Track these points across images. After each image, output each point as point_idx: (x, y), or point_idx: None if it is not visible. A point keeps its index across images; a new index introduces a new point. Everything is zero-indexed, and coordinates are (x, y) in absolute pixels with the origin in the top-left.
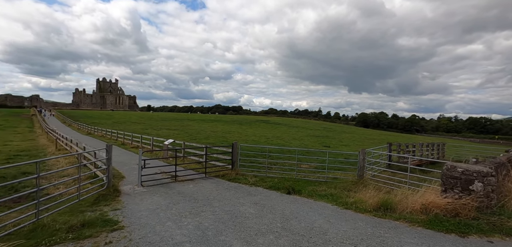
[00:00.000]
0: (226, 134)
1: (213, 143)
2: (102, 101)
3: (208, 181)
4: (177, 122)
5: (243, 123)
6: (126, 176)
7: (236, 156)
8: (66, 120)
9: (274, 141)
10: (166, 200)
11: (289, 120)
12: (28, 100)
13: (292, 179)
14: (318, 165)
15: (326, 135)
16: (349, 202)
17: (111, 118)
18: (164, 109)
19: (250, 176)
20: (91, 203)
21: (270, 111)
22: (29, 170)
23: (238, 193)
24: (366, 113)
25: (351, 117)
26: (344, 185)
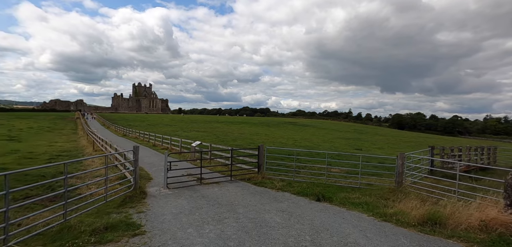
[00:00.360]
0: (253, 136)
1: (240, 145)
2: (137, 105)
3: (233, 185)
4: (206, 124)
5: (271, 125)
6: (154, 178)
7: (262, 159)
8: (105, 123)
9: (302, 143)
10: (190, 204)
11: (317, 121)
12: (73, 105)
13: (321, 184)
14: (349, 169)
15: (358, 138)
16: (388, 213)
17: (145, 121)
18: (194, 111)
19: (277, 181)
20: (118, 205)
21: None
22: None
23: (263, 198)
24: (401, 114)
25: (384, 119)
26: (380, 192)
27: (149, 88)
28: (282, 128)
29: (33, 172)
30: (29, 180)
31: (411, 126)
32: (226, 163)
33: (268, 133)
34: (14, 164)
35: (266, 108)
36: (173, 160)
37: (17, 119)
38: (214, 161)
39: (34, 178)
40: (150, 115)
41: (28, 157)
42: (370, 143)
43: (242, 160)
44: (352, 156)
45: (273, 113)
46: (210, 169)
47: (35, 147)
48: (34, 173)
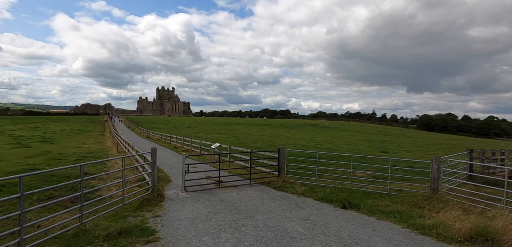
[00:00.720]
0: (273, 138)
1: (260, 147)
2: (161, 108)
3: (252, 189)
4: (227, 126)
5: (291, 126)
6: (173, 180)
7: (282, 161)
8: (131, 125)
9: (324, 145)
10: (207, 209)
11: (339, 123)
12: (102, 108)
13: (346, 190)
14: (376, 173)
15: (383, 140)
16: (426, 225)
17: (168, 123)
18: (215, 114)
19: (298, 185)
20: (135, 208)
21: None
22: (91, 171)
23: (284, 204)
24: (429, 115)
25: (411, 120)
26: (413, 200)
27: (172, 92)
28: (303, 130)
29: (60, 172)
30: (55, 180)
31: (441, 128)
32: (245, 165)
33: (288, 135)
34: (43, 165)
35: (286, 110)
36: (192, 162)
37: (52, 122)
38: (233, 163)
39: (60, 178)
40: (172, 117)
41: (57, 158)
42: (396, 145)
43: (262, 163)
44: (378, 159)
45: (294, 115)
46: (229, 172)
47: (65, 149)
48: (60, 173)
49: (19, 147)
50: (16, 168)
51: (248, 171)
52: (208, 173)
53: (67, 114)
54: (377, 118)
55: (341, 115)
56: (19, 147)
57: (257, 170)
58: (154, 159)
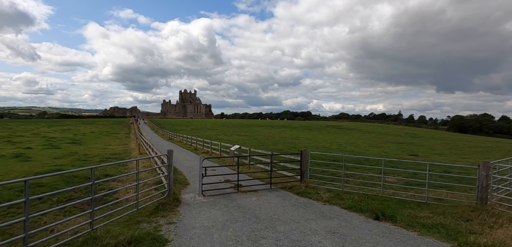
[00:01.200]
0: (294, 140)
1: (281, 149)
2: (183, 110)
3: (273, 194)
4: (247, 128)
5: (313, 128)
6: (191, 183)
7: (305, 165)
8: (154, 127)
9: (348, 148)
10: (224, 216)
11: (363, 125)
12: (129, 111)
13: (377, 197)
14: (409, 179)
15: (411, 142)
16: (481, 244)
17: (189, 125)
18: (235, 116)
19: (323, 191)
20: (150, 212)
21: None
22: (113, 172)
23: (308, 213)
24: (462, 116)
25: (441, 121)
26: (458, 211)
27: (194, 95)
28: (325, 132)
29: (81, 173)
30: (76, 182)
31: (476, 129)
32: (266, 169)
33: (309, 137)
34: (68, 166)
35: (307, 112)
36: (211, 165)
37: (83, 124)
38: (253, 166)
39: (81, 180)
40: (194, 120)
41: (82, 159)
42: (426, 148)
43: (283, 166)
44: (410, 164)
45: (315, 116)
46: (248, 175)
47: (91, 150)
48: (82, 174)
49: (50, 148)
50: (44, 168)
51: (268, 175)
52: (227, 176)
53: (96, 117)
54: (403, 119)
55: (365, 117)
56: (51, 148)
57: (278, 174)
58: (170, 162)
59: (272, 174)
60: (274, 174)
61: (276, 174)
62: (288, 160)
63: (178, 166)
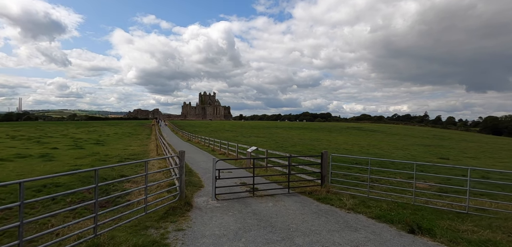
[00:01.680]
0: (314, 142)
1: (300, 151)
2: (203, 112)
3: (291, 199)
4: (266, 130)
5: (332, 130)
6: (206, 185)
7: (326, 168)
8: (175, 129)
9: (370, 150)
10: (237, 223)
11: (386, 126)
12: (151, 113)
13: (408, 206)
14: (442, 185)
15: (439, 144)
16: None
17: (208, 127)
18: (254, 118)
19: (346, 197)
20: (160, 217)
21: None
22: (129, 173)
23: (330, 222)
24: (496, 117)
25: (472, 122)
26: (509, 225)
27: (213, 97)
28: (345, 134)
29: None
30: (92, 182)
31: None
32: (283, 172)
33: (330, 139)
34: (88, 166)
35: (327, 113)
36: (229, 167)
37: (108, 126)
38: (270, 169)
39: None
40: (213, 121)
41: (102, 159)
42: (457, 151)
43: (302, 169)
44: (441, 168)
45: (335, 118)
46: (265, 179)
47: (112, 150)
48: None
49: (75, 149)
50: (65, 168)
51: (286, 178)
52: (243, 179)
53: (121, 119)
54: (430, 120)
55: (388, 118)
56: (75, 148)
57: (296, 178)
58: (181, 163)
59: (290, 177)
60: (292, 178)
61: (294, 178)
62: (307, 163)
63: (194, 167)
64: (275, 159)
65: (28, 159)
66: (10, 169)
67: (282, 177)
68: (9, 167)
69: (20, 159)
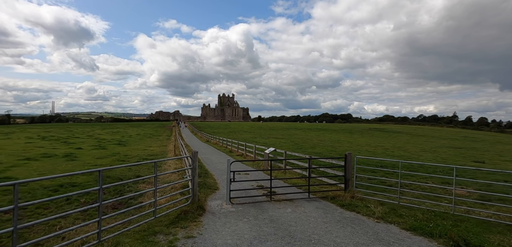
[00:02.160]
0: (334, 144)
1: (320, 153)
2: (222, 113)
3: (312, 205)
4: (284, 131)
5: (353, 131)
6: (221, 188)
7: (351, 171)
8: (194, 130)
9: (396, 152)
10: (252, 232)
11: (411, 128)
12: (172, 115)
13: (448, 216)
14: (483, 192)
15: (472, 147)
16: None
17: (227, 128)
18: (273, 119)
19: (374, 203)
20: (170, 222)
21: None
22: (146, 173)
23: (358, 234)
24: None
25: (507, 123)
26: None
27: (232, 98)
28: (367, 135)
29: (114, 173)
30: (108, 182)
31: None
32: (303, 174)
33: (351, 141)
34: (107, 165)
35: (348, 114)
36: (246, 168)
37: (131, 127)
38: (289, 172)
39: (113, 180)
40: (232, 122)
41: (122, 159)
42: (492, 154)
43: (323, 172)
44: (476, 172)
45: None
46: (284, 182)
47: (132, 151)
48: (114, 174)
49: (97, 149)
50: (84, 167)
51: (306, 181)
52: (260, 182)
53: (144, 121)
54: (459, 121)
55: (413, 119)
56: (98, 149)
57: (318, 181)
58: (194, 165)
59: (311, 180)
60: (313, 181)
61: (315, 181)
62: (329, 165)
63: (210, 169)
64: (294, 161)
65: (53, 159)
66: (33, 168)
67: (302, 180)
68: (33, 166)
69: (46, 159)
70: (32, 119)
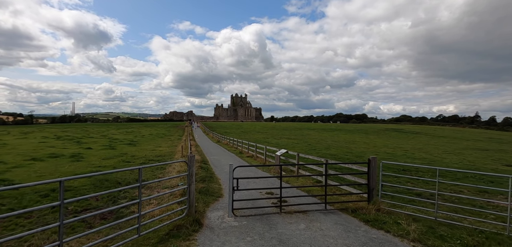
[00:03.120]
0: (349, 145)
1: (334, 155)
2: (234, 114)
3: (329, 219)
4: (297, 131)
5: (369, 132)
6: (225, 194)
7: (375, 180)
8: (206, 130)
9: (416, 154)
10: None
11: (431, 128)
12: (185, 115)
13: (503, 238)
14: None
15: (499, 149)
16: None
17: (239, 128)
18: (285, 119)
19: (405, 219)
20: (158, 240)
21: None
22: (148, 176)
23: None
24: None
25: None
26: None
27: (244, 98)
28: (384, 136)
29: (112, 177)
30: (105, 186)
31: None
32: (318, 180)
33: (366, 142)
34: (110, 167)
35: (363, 114)
36: (257, 174)
37: (145, 127)
38: (303, 176)
39: (112, 184)
40: (244, 123)
41: (128, 160)
42: None
43: (342, 178)
44: None
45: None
46: (297, 188)
47: (141, 151)
48: (112, 178)
49: (107, 149)
50: (87, 169)
51: (322, 189)
52: (270, 189)
53: (158, 121)
54: (482, 122)
55: (431, 119)
56: (108, 149)
57: (336, 189)
58: (191, 171)
59: (328, 189)
60: (330, 189)
61: (333, 189)
62: (347, 171)
63: (217, 172)
64: (309, 164)
65: (59, 159)
66: (35, 169)
67: (318, 188)
68: (36, 167)
69: (52, 159)
70: (53, 119)
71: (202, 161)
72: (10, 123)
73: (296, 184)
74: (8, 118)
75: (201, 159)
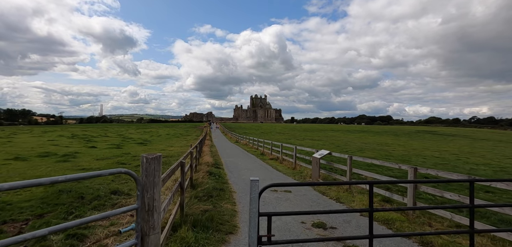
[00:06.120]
0: (384, 147)
1: (374, 158)
2: (254, 115)
3: None
4: (320, 132)
5: (399, 134)
6: (241, 226)
7: None
8: (225, 131)
9: (472, 159)
10: None
11: (467, 130)
12: (205, 116)
13: None
14: None
15: None
16: None
17: (259, 129)
18: (306, 121)
19: None
20: None
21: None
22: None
23: None
24: None
25: None
26: None
27: (264, 99)
28: (417, 138)
29: (75, 188)
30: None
31: None
32: (385, 196)
33: (401, 144)
34: (105, 168)
35: (387, 116)
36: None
37: (165, 127)
38: (357, 191)
39: (71, 198)
40: (263, 124)
41: (123, 161)
42: None
43: (431, 197)
44: None
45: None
46: (360, 215)
47: (149, 151)
48: (76, 188)
49: (113, 148)
50: (73, 171)
51: (405, 215)
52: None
53: (178, 122)
54: None
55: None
56: (114, 148)
57: (429, 215)
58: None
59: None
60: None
61: (426, 216)
62: (431, 184)
63: (232, 179)
64: (369, 174)
65: (46, 159)
66: (4, 171)
67: (394, 214)
68: (9, 168)
69: (38, 159)
70: (80, 120)
71: (213, 164)
72: (42, 124)
73: (352, 197)
74: (42, 119)
75: (213, 162)
